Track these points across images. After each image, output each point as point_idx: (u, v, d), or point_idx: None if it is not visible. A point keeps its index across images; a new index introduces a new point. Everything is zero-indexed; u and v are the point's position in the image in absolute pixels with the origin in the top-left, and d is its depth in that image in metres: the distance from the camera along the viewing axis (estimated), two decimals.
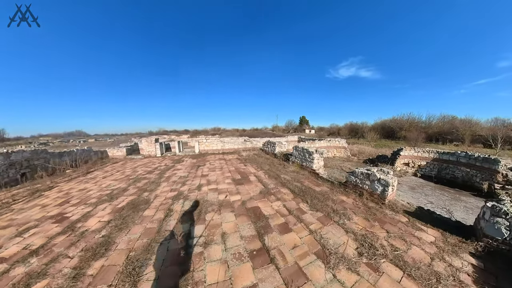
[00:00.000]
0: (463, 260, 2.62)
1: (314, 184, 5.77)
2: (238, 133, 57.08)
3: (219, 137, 13.93)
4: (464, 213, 6.93)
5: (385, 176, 4.59)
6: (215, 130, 64.04)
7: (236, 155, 11.65)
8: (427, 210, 4.65)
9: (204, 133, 56.41)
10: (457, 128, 27.57)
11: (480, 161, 9.64)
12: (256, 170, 7.57)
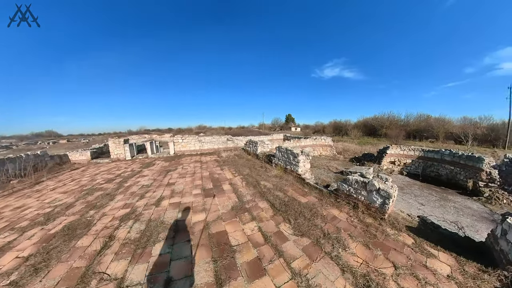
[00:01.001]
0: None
1: (300, 193, 4.90)
2: (224, 131, 55.49)
3: (197, 137, 12.67)
4: (456, 216, 6.57)
5: (384, 185, 3.79)
6: (200, 129, 61.76)
7: (215, 156, 10.54)
8: (431, 223, 3.97)
9: (188, 131, 54.07)
10: (432, 126, 29.04)
11: (464, 159, 9.50)
12: (233, 176, 6.54)
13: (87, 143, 35.90)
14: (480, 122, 26.90)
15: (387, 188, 3.67)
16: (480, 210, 7.07)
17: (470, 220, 6.29)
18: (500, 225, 2.88)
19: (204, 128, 63.89)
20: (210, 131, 55.02)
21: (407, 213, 4.23)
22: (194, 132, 51.45)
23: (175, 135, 12.56)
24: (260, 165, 7.88)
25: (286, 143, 12.92)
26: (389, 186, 3.81)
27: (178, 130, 62.14)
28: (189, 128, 61.62)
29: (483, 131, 25.04)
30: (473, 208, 7.24)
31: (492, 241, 2.93)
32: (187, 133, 46.78)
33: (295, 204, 4.23)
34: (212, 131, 55.27)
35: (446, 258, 2.63)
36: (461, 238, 3.48)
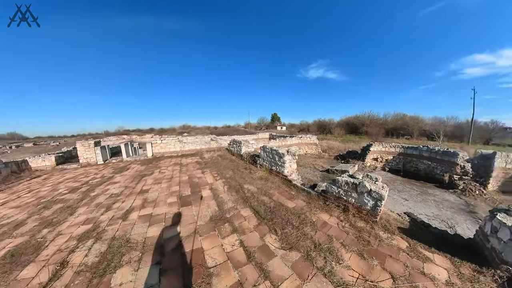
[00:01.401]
0: None
1: (286, 197, 4.57)
2: (209, 130, 54.11)
3: (177, 137, 11.89)
4: (437, 209, 6.75)
5: (375, 186, 3.61)
6: (184, 128, 59.61)
7: (197, 158, 9.92)
8: (421, 222, 3.91)
9: (171, 131, 51.87)
10: (407, 124, 31.26)
11: (441, 154, 9.93)
12: (214, 180, 6.05)
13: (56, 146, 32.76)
14: (448, 121, 29.48)
15: (378, 189, 3.47)
16: (457, 202, 7.36)
17: (450, 213, 6.50)
18: (489, 222, 2.87)
19: (188, 128, 61.80)
20: (194, 130, 53.34)
21: (393, 210, 4.19)
22: (177, 132, 49.49)
23: (159, 136, 11.66)
24: (244, 166, 7.46)
25: (271, 142, 12.65)
26: (380, 187, 3.65)
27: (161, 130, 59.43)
28: (172, 128, 59.24)
29: (451, 128, 27.46)
30: (450, 200, 7.53)
31: (481, 238, 2.92)
32: (170, 133, 44.80)
33: (282, 210, 3.89)
34: (196, 130, 53.62)
35: (442, 261, 2.56)
36: (451, 236, 3.48)
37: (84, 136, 47.61)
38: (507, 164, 8.84)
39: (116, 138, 27.24)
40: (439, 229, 3.66)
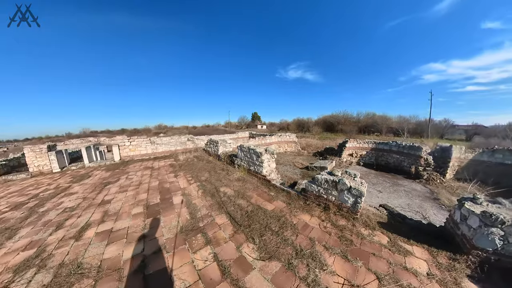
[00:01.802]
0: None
1: (265, 199, 4.35)
2: (187, 130, 51.90)
3: (149, 138, 10.95)
4: (407, 198, 7.18)
5: (355, 183, 3.59)
6: (160, 128, 56.22)
7: (171, 160, 9.22)
8: (398, 214, 4.07)
9: (146, 132, 48.51)
10: (377, 122, 34.11)
11: (407, 149, 10.73)
12: (188, 184, 5.57)
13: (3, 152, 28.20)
14: (410, 119, 33.10)
15: (358, 186, 3.46)
16: (423, 191, 7.97)
17: (419, 201, 6.98)
18: (458, 210, 3.03)
19: (165, 128, 58.50)
20: (171, 131, 50.72)
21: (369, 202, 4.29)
22: (153, 132, 46.49)
23: (128, 137, 10.56)
24: (221, 167, 7.07)
25: (251, 141, 12.42)
26: (358, 183, 3.66)
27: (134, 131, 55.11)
28: (147, 129, 55.32)
29: (413, 125, 30.97)
30: (417, 189, 8.14)
31: (452, 225, 3.11)
32: (144, 134, 41.87)
33: (260, 214, 3.65)
34: (174, 130, 51.06)
35: (421, 252, 2.68)
36: (425, 226, 3.67)
37: (41, 139, 41.87)
38: (460, 154, 9.86)
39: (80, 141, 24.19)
40: (414, 220, 3.88)
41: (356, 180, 3.83)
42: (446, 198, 7.16)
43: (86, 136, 40.07)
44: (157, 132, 46.20)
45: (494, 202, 3.04)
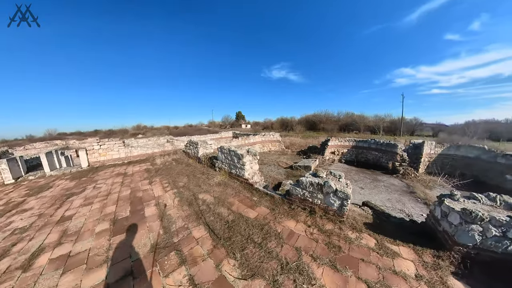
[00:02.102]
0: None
1: (248, 205, 4.09)
2: (168, 131, 49.66)
3: (122, 141, 10.05)
4: (387, 193, 7.39)
5: (340, 185, 3.51)
6: (138, 129, 52.91)
7: (147, 164, 8.53)
8: (382, 213, 4.13)
9: (122, 133, 45.26)
10: (356, 121, 36.23)
11: (385, 146, 11.21)
12: (163, 191, 5.09)
13: None
14: (385, 118, 35.58)
15: (344, 188, 3.38)
16: (400, 185, 8.34)
17: (397, 195, 7.26)
18: (438, 207, 3.12)
19: (144, 128, 55.27)
20: (151, 131, 48.14)
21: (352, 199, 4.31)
22: (130, 133, 43.58)
23: (97, 140, 9.54)
24: (201, 170, 6.66)
25: (234, 142, 12.07)
26: (344, 184, 3.59)
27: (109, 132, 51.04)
28: (124, 129, 51.58)
29: (387, 124, 33.70)
30: (395, 184, 8.50)
31: (433, 222, 3.22)
32: (120, 135, 39.11)
33: (242, 223, 3.39)
34: (153, 131, 48.50)
35: (407, 253, 2.71)
36: (408, 223, 3.74)
37: None
38: (430, 150, 10.54)
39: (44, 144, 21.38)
40: (398, 218, 3.96)
41: (342, 182, 3.77)
42: (421, 191, 7.54)
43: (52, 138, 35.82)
44: (135, 133, 43.47)
45: (469, 198, 3.15)
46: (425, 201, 6.72)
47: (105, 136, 36.44)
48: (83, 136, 41.95)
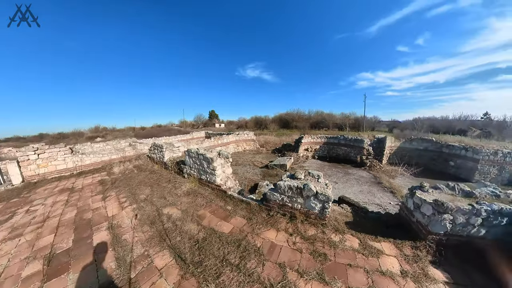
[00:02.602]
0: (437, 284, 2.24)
1: (221, 217, 3.65)
2: (133, 132, 45.18)
3: (68, 147, 8.45)
4: (359, 186, 7.66)
5: (321, 187, 3.37)
6: (97, 132, 46.60)
7: (103, 174, 7.32)
8: (360, 208, 4.30)
9: (77, 136, 39.29)
10: (325, 119, 38.52)
11: (353, 141, 11.89)
12: (120, 208, 4.27)
13: None
14: (350, 116, 38.70)
15: (324, 190, 3.25)
16: (368, 177, 8.87)
17: (367, 186, 7.65)
18: (411, 199, 3.29)
19: (104, 130, 49.12)
20: (112, 134, 43.15)
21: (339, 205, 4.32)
22: (86, 137, 38.17)
23: (33, 147, 7.72)
24: (167, 178, 5.92)
25: (206, 142, 11.33)
26: (324, 185, 3.51)
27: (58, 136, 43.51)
28: (78, 132, 44.69)
29: (352, 121, 36.58)
30: (364, 176, 9.01)
31: (406, 213, 3.40)
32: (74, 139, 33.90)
33: (215, 240, 2.95)
34: (115, 133, 43.57)
35: (389, 248, 2.79)
36: (384, 216, 3.86)
37: None
38: (391, 143, 11.55)
39: None
40: (375, 212, 4.11)
41: (321, 182, 3.65)
42: (386, 181, 8.12)
43: None
44: (92, 136, 38.32)
45: (435, 188, 3.37)
46: (391, 189, 7.23)
47: (54, 141, 31.07)
48: (24, 142, 35.12)
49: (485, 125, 26.49)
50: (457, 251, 2.59)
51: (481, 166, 8.59)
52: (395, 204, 6.10)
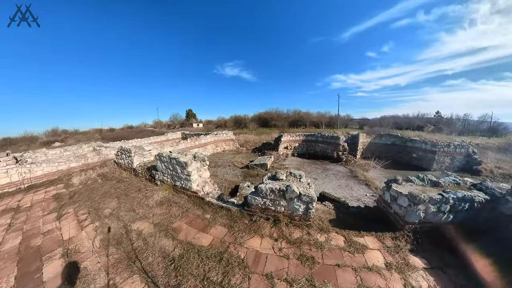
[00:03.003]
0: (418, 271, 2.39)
1: (199, 228, 3.34)
2: (101, 135, 41.02)
3: (11, 156, 7.13)
4: (337, 180, 7.93)
5: (304, 188, 3.30)
6: (55, 135, 40.98)
7: (60, 187, 6.31)
8: (343, 205, 4.27)
9: (30, 141, 33.98)
10: (302, 117, 40.18)
11: (329, 138, 12.36)
12: (79, 228, 3.62)
13: None
14: (325, 114, 41.19)
15: (307, 190, 3.18)
16: (345, 171, 9.28)
17: (345, 180, 7.98)
18: (387, 192, 3.46)
19: (64, 133, 43.51)
20: (74, 137, 38.64)
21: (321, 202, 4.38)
22: (41, 142, 33.39)
23: None
24: (138, 186, 5.32)
25: (182, 144, 10.65)
26: (306, 185, 3.49)
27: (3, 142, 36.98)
28: (31, 137, 38.38)
29: (327, 119, 38.91)
30: (341, 171, 9.40)
31: (384, 205, 3.57)
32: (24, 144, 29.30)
33: (194, 256, 2.66)
34: (78, 136, 39.07)
35: (372, 242, 2.90)
36: (364, 210, 3.99)
37: None
38: (363, 139, 12.29)
39: None
40: (355, 207, 4.20)
41: (303, 182, 3.62)
42: (361, 174, 8.57)
43: None
44: (49, 141, 33.73)
45: (407, 181, 3.59)
46: (366, 182, 7.64)
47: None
48: None
49: (437, 121, 31.03)
50: (431, 237, 2.80)
51: (437, 156, 9.65)
52: (370, 195, 6.43)
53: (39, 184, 7.06)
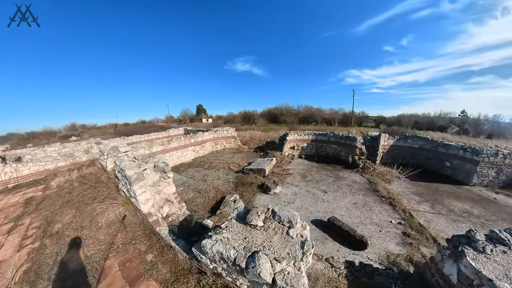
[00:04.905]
0: None
1: (131, 277, 2.39)
2: (115, 129, 42.45)
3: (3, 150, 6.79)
4: (352, 196, 6.55)
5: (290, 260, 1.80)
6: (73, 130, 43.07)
7: (39, 189, 5.81)
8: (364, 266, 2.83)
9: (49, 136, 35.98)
10: (314, 114, 38.17)
11: (344, 139, 10.81)
12: (15, 250, 2.83)
13: None
14: (339, 111, 38.59)
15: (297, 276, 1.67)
16: (362, 182, 7.81)
17: (362, 196, 6.56)
18: (451, 260, 2.15)
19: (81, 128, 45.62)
20: (89, 132, 40.22)
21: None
22: (59, 136, 35.15)
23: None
24: (103, 195, 4.51)
25: (174, 142, 9.82)
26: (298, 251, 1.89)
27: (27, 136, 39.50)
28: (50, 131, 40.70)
29: (340, 117, 36.40)
30: (357, 181, 7.88)
31: (438, 280, 2.28)
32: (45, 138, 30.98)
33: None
34: (93, 131, 40.65)
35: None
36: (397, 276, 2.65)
37: None
38: (385, 142, 10.61)
39: None
40: (384, 272, 2.72)
41: (293, 237, 2.05)
42: (383, 187, 7.06)
43: None
44: (67, 134, 35.42)
45: (492, 240, 2.09)
46: (390, 200, 6.14)
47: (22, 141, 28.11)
48: None
49: (462, 122, 26.89)
50: None
51: (479, 168, 7.77)
52: (396, 222, 5.02)
53: (24, 184, 6.68)
